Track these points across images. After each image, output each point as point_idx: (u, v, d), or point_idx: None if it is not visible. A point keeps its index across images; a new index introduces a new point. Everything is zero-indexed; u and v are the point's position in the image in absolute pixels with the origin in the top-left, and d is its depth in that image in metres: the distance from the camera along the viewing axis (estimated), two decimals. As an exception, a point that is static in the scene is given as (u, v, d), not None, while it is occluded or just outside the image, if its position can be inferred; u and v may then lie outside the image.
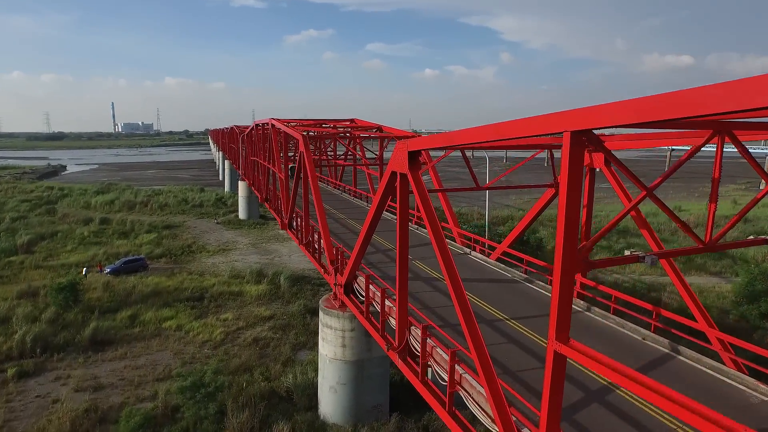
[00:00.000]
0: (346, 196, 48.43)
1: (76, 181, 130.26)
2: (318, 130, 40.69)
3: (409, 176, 14.05)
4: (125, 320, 36.09)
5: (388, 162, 15.32)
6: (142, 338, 33.68)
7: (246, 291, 42.71)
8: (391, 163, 15.09)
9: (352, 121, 44.43)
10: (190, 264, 52.40)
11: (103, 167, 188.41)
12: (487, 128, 10.93)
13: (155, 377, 28.46)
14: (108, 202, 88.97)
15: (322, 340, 23.89)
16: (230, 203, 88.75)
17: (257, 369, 29.00)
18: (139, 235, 64.69)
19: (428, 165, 28.75)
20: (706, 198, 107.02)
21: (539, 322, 17.34)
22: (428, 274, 23.25)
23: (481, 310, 18.78)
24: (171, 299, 40.42)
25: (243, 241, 63.03)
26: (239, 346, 32.67)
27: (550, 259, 15.91)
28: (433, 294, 20.82)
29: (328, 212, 40.20)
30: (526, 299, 19.87)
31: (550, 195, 21.69)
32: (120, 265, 48.08)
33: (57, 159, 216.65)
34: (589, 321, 17.95)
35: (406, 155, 13.93)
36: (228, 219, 76.73)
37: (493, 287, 21.38)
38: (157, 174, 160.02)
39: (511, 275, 22.79)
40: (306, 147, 28.94)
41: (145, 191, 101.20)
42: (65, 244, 59.12)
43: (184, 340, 33.64)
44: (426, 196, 13.94)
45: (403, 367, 15.98)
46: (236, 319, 37.03)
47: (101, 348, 32.05)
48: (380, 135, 36.43)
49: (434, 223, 13.49)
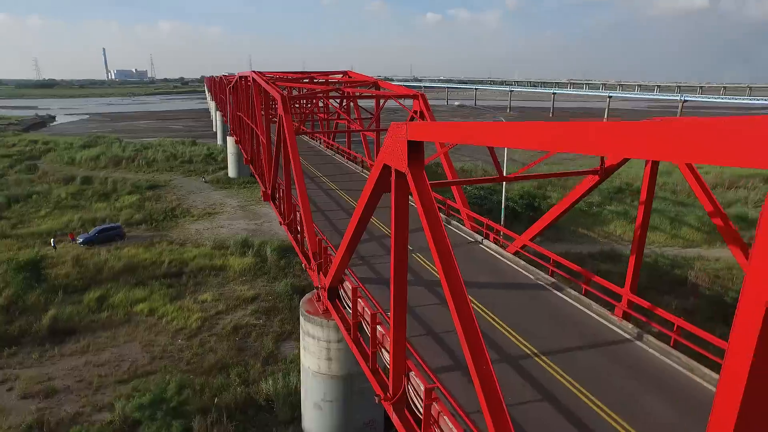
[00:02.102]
0: (340, 159, 43.62)
1: (64, 133, 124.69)
2: (305, 87, 35.47)
3: (409, 177, 9.56)
4: (92, 303, 32.26)
5: (381, 149, 10.79)
6: (109, 326, 29.94)
7: (229, 265, 38.72)
8: (383, 153, 10.56)
9: (345, 74, 39.02)
10: (172, 231, 48.28)
11: (93, 117, 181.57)
12: (530, 128, 6.39)
13: (118, 378, 24.81)
14: (93, 158, 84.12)
15: (303, 349, 19.97)
16: (220, 159, 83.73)
17: (234, 368, 25.34)
18: (121, 197, 60.31)
19: (439, 152, 23.34)
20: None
21: (585, 363, 12.99)
22: (431, 275, 18.78)
23: (497, 334, 14.56)
24: (146, 276, 36.51)
25: (231, 204, 58.67)
26: (217, 335, 28.95)
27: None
28: (437, 310, 16.19)
29: (317, 180, 35.63)
30: (559, 320, 15.28)
31: (593, 182, 17.05)
32: (94, 235, 43.96)
33: (46, 108, 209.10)
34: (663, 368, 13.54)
35: (405, 146, 9.39)
36: (217, 177, 72.05)
37: (511, 296, 17.09)
38: (149, 125, 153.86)
39: (534, 277, 18.41)
40: (286, 109, 24.09)
41: (133, 145, 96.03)
42: (39, 208, 54.83)
43: (156, 327, 29.90)
44: (433, 207, 9.50)
45: (399, 426, 11.99)
46: (216, 300, 33.20)
47: (61, 339, 28.34)
48: (376, 93, 31.24)
49: (444, 249, 9.12)
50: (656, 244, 45.91)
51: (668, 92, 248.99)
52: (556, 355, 13.31)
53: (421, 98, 27.12)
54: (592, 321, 15.20)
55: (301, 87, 34.83)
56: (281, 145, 25.74)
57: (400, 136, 9.56)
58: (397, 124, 9.79)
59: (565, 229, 47.87)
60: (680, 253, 42.29)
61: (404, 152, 9.44)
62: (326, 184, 34.18)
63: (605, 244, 45.30)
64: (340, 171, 38.60)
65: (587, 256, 41.85)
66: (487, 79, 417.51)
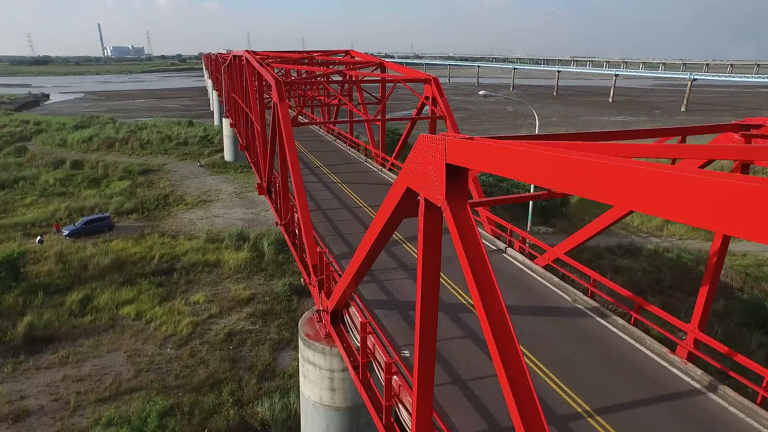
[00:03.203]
0: (341, 145, 40.65)
1: (57, 113, 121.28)
2: (304, 69, 32.38)
3: (447, 213, 6.87)
4: (75, 305, 29.79)
5: (403, 167, 8.08)
6: (92, 332, 27.49)
7: (223, 260, 36.19)
8: (407, 173, 7.86)
9: (348, 53, 35.85)
10: (164, 221, 45.64)
11: (88, 96, 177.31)
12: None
13: (99, 396, 22.41)
14: (86, 139, 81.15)
15: (303, 376, 17.50)
16: (217, 141, 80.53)
17: (227, 385, 22.96)
18: (112, 183, 57.55)
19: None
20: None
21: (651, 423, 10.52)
22: (454, 297, 16.04)
23: (534, 377, 11.98)
24: (134, 273, 33.99)
25: (227, 190, 55.88)
26: (209, 344, 26.53)
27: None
28: (463, 347, 13.28)
29: (316, 171, 32.82)
30: (608, 359, 12.57)
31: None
32: (81, 226, 41.31)
33: (40, 87, 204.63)
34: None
35: (443, 172, 6.68)
36: (213, 161, 69.14)
37: (546, 323, 14.40)
38: (145, 104, 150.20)
39: (570, 298, 15.80)
40: (281, 96, 21.22)
41: (128, 126, 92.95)
42: (25, 195, 52.08)
43: (143, 334, 27.46)
44: (480, 254, 6.83)
45: None
46: (209, 302, 30.73)
47: (39, 348, 25.90)
48: (382, 77, 28.21)
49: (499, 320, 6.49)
50: (676, 236, 43.34)
51: (673, 70, 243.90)
52: (613, 413, 10.74)
53: (433, 82, 24.19)
54: (647, 361, 12.63)
55: (300, 69, 31.65)
56: (276, 136, 22.95)
57: (434, 157, 6.84)
58: (429, 137, 7.05)
59: (578, 219, 45.16)
60: (703, 247, 39.66)
61: (441, 180, 6.74)
62: (327, 175, 31.38)
63: (623, 236, 42.68)
64: (341, 160, 35.73)
65: (604, 249, 39.31)
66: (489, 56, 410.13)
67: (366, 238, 10.69)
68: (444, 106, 23.30)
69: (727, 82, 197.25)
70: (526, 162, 5.27)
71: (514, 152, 5.57)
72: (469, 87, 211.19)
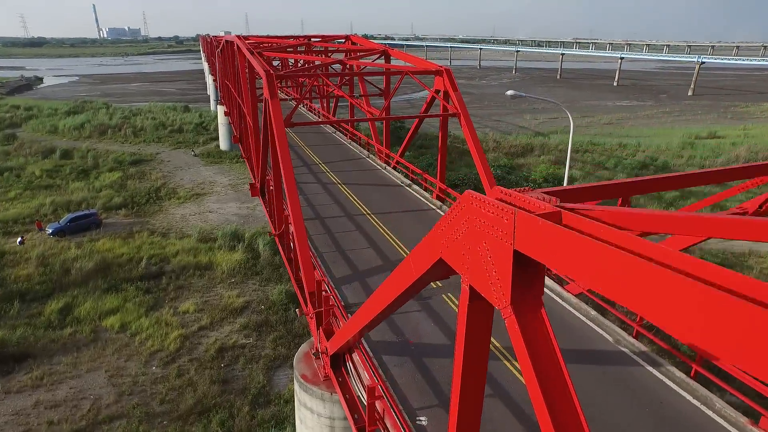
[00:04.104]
0: (341, 138, 37.99)
1: (50, 98, 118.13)
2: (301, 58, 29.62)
3: (512, 318, 4.46)
4: (54, 316, 27.52)
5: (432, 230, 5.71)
6: (71, 347, 25.25)
7: (216, 263, 33.84)
8: (440, 241, 5.43)
9: (348, 39, 32.99)
10: (155, 217, 43.21)
11: (83, 79, 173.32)
12: None
13: (74, 427, 20.21)
14: (78, 126, 78.33)
15: (299, 421, 15.24)
16: (212, 128, 77.66)
17: (217, 412, 20.76)
18: (102, 174, 54.94)
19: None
20: (740, 119, 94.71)
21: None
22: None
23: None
24: (121, 278, 31.66)
25: (222, 182, 53.30)
26: (198, 361, 24.29)
27: None
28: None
29: (314, 168, 30.26)
30: (672, 427, 10.30)
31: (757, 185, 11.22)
32: (65, 224, 38.84)
33: (34, 69, 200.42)
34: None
35: (509, 260, 4.25)
36: (207, 150, 66.41)
37: (589, 374, 11.73)
38: (141, 87, 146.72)
39: (612, 339, 13.22)
40: (272, 92, 18.64)
41: (122, 111, 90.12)
42: (9, 189, 49.53)
43: (127, 349, 25.23)
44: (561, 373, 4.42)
45: None
46: (199, 311, 28.45)
47: (10, 368, 23.64)
48: (386, 68, 25.42)
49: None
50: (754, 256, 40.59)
51: (678, 52, 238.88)
52: None
53: (446, 74, 21.52)
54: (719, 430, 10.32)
55: (297, 59, 28.92)
56: (268, 135, 20.40)
57: (492, 234, 4.39)
58: (481, 200, 4.59)
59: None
60: (728, 247, 37.22)
61: (504, 274, 4.31)
62: (326, 174, 28.86)
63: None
64: (342, 156, 33.14)
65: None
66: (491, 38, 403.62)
67: (381, 293, 8.29)
68: (458, 102, 20.67)
69: (733, 65, 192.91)
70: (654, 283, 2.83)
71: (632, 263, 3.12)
72: (471, 69, 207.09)
